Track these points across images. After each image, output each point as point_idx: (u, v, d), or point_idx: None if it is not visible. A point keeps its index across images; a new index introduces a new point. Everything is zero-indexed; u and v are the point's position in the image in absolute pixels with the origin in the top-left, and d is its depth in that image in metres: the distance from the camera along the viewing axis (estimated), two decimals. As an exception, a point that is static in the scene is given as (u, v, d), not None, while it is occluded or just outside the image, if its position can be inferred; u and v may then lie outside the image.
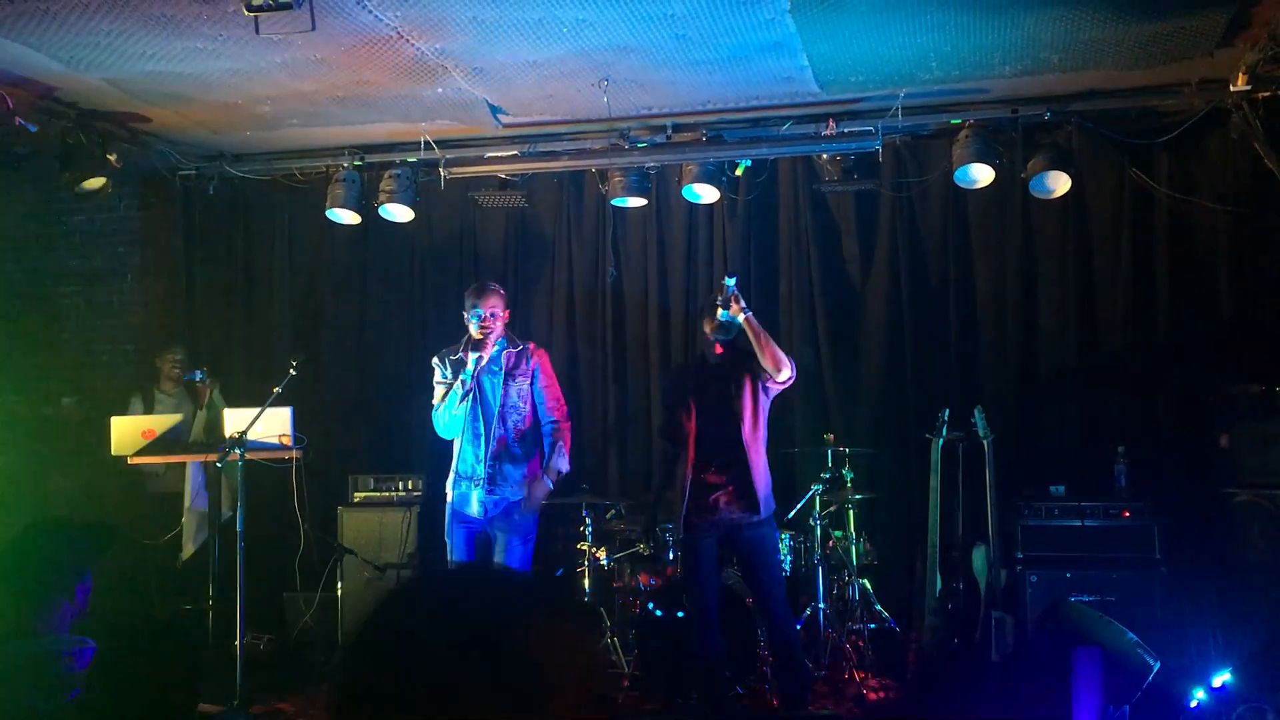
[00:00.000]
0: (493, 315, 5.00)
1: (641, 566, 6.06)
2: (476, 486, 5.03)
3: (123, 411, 6.54)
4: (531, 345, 5.25)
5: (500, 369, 5.08)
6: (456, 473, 5.13)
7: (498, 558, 5.02)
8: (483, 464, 5.02)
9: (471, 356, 4.96)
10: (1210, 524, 5.72)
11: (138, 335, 7.79)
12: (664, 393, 5.24)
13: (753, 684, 5.46)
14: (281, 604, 6.61)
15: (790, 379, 4.89)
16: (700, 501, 4.87)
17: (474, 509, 5.06)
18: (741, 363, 4.93)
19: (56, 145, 6.21)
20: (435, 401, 5.14)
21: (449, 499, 5.16)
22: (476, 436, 5.04)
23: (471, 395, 4.99)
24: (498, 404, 5.05)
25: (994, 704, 4.99)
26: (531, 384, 5.12)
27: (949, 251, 6.54)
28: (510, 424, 5.06)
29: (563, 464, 5.10)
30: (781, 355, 4.82)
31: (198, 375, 6.54)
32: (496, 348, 5.04)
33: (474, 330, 5.01)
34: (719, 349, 4.95)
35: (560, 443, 5.11)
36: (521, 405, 5.10)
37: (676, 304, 6.95)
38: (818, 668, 5.76)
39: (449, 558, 5.10)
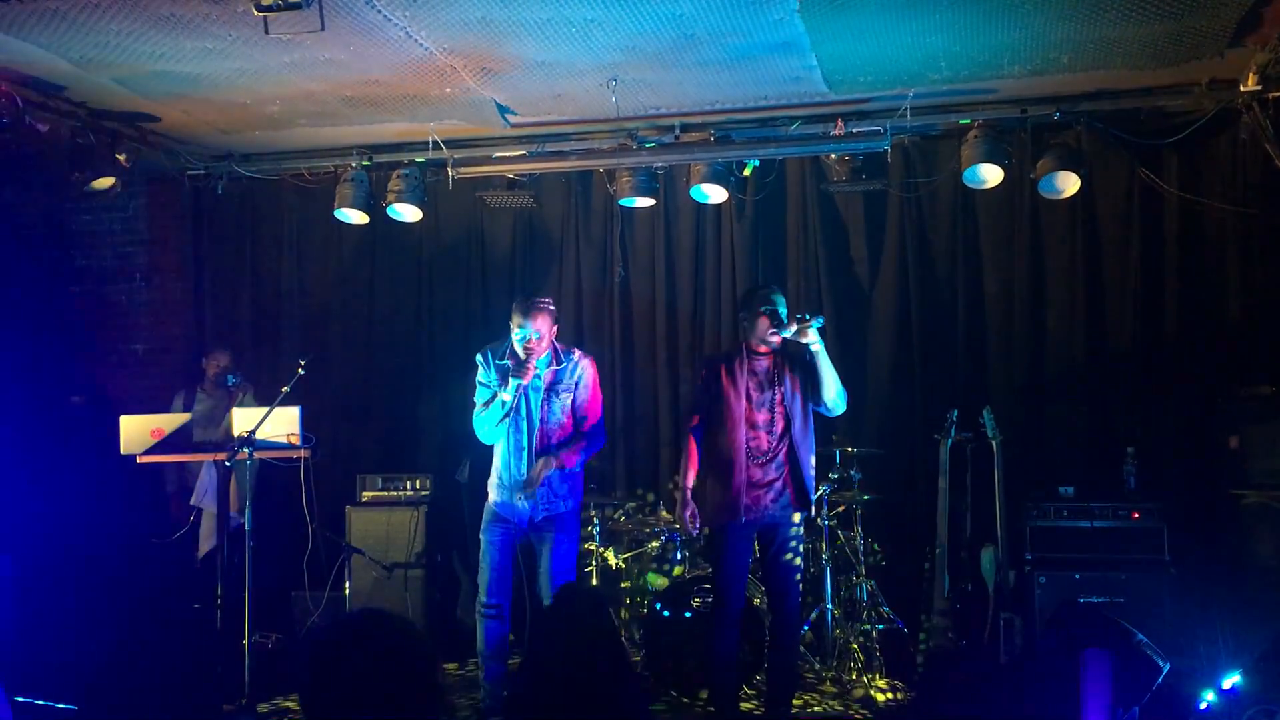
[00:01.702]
0: (538, 335, 4.77)
1: (650, 567, 6.06)
2: (520, 499, 4.88)
3: (129, 410, 6.55)
4: (578, 354, 4.99)
5: (542, 384, 4.87)
6: (500, 479, 4.95)
7: (544, 556, 4.89)
8: (526, 477, 4.87)
9: (512, 382, 4.75)
10: (1220, 525, 5.71)
11: (146, 335, 7.82)
12: (706, 378, 5.00)
13: (758, 685, 5.45)
14: (289, 603, 6.61)
15: (838, 413, 4.94)
16: (747, 496, 4.79)
17: (522, 515, 4.90)
18: (797, 361, 4.89)
19: (66, 145, 6.23)
20: (477, 403, 4.95)
21: (490, 500, 4.99)
22: (519, 449, 4.88)
23: (513, 409, 4.84)
24: (539, 420, 4.87)
25: (1002, 705, 4.98)
26: (575, 395, 4.92)
27: (957, 252, 6.53)
28: (553, 439, 4.89)
29: (571, 458, 4.88)
30: (840, 392, 4.83)
31: (230, 380, 6.58)
32: (538, 368, 4.82)
33: (518, 347, 4.81)
34: (767, 349, 4.86)
35: (581, 444, 4.92)
36: (564, 419, 4.90)
37: (684, 304, 6.95)
38: (825, 668, 5.76)
39: (485, 556, 4.92)
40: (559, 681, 2.50)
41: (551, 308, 4.88)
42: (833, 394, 4.80)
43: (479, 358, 4.99)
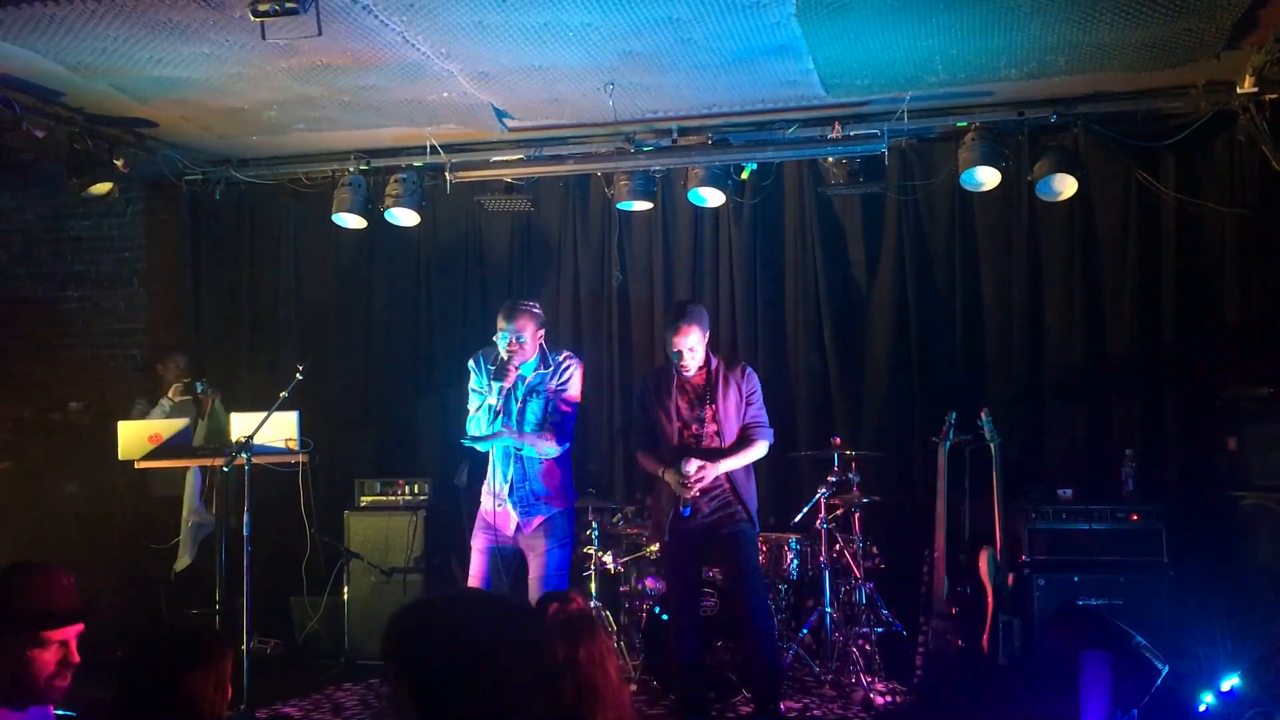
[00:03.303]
0: (519, 339, 4.75)
1: (648, 570, 6.06)
2: (503, 504, 4.87)
3: (127, 416, 6.55)
4: (565, 356, 4.95)
5: (525, 387, 4.86)
6: (489, 485, 4.96)
7: (532, 564, 4.87)
8: (510, 484, 4.86)
9: (494, 386, 4.74)
10: (1218, 527, 5.70)
11: (144, 340, 7.82)
12: (640, 395, 5.12)
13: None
14: (288, 608, 6.61)
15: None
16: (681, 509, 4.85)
17: (508, 524, 4.88)
18: (726, 377, 4.94)
19: (63, 151, 6.23)
20: (470, 409, 4.95)
21: (481, 507, 4.99)
22: (506, 455, 4.89)
23: (499, 415, 4.82)
24: (518, 421, 4.85)
25: (1002, 707, 4.98)
26: (555, 397, 4.87)
27: (955, 255, 6.52)
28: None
29: (536, 441, 4.81)
30: (757, 452, 4.95)
31: (199, 386, 6.57)
32: (521, 371, 4.80)
33: (502, 351, 4.81)
34: (691, 370, 4.92)
35: (548, 433, 4.84)
36: (542, 418, 4.89)
37: (682, 308, 6.94)
38: (825, 671, 5.76)
39: (471, 563, 4.91)
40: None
41: (536, 310, 4.87)
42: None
43: (470, 364, 5.00)
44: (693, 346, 4.87)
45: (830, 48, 5.12)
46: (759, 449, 4.98)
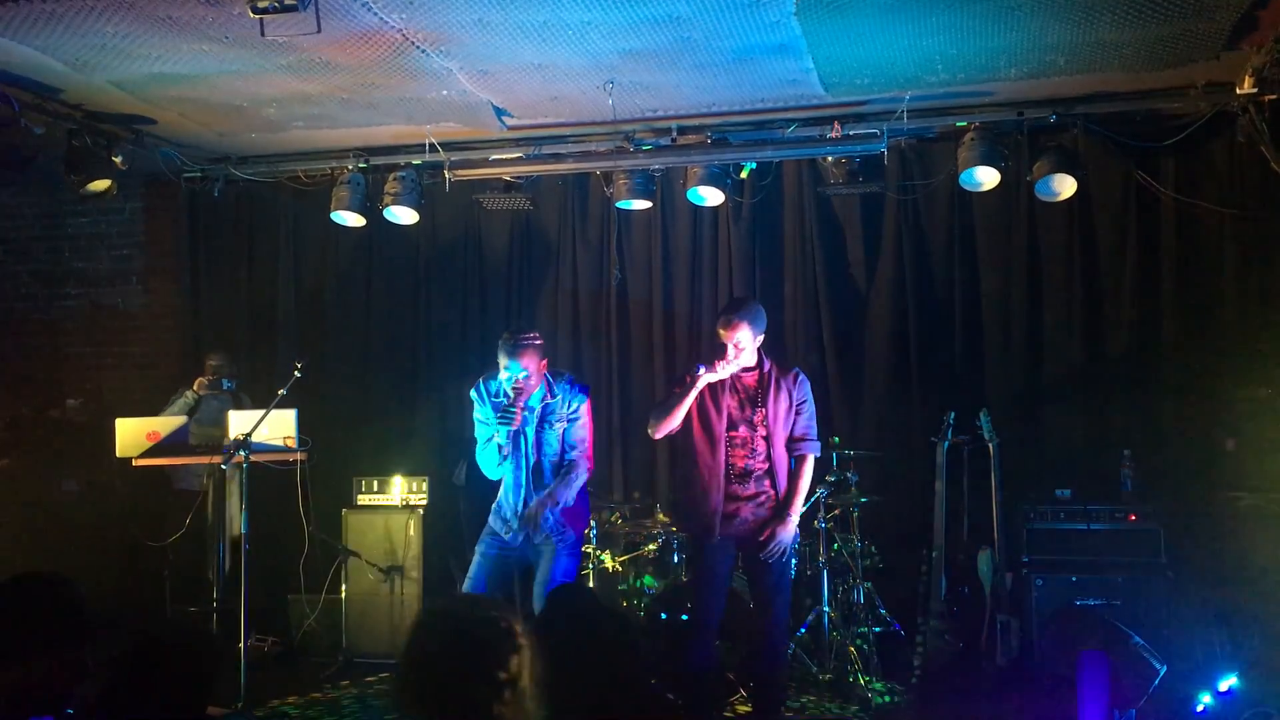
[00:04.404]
0: (526, 374, 4.63)
1: (647, 569, 6.06)
2: (513, 528, 4.80)
3: (152, 411, 6.54)
4: (570, 383, 4.84)
5: (535, 417, 4.77)
6: (499, 508, 4.87)
7: (541, 567, 4.78)
8: (524, 515, 4.78)
9: (501, 430, 4.67)
10: (1216, 528, 5.70)
11: (143, 337, 7.82)
12: (684, 372, 4.90)
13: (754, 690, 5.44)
14: (286, 606, 6.61)
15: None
16: (726, 510, 4.70)
17: (518, 539, 4.82)
18: (778, 381, 4.78)
19: (62, 147, 6.22)
20: (479, 440, 4.85)
21: (489, 523, 4.91)
22: (518, 486, 4.81)
23: (508, 456, 4.77)
24: (534, 452, 4.78)
25: (1000, 708, 4.99)
26: (568, 426, 4.80)
27: (954, 254, 6.53)
28: (548, 473, 4.80)
29: (565, 494, 4.76)
30: (809, 471, 4.79)
31: (225, 384, 6.55)
32: (529, 403, 4.70)
33: (507, 387, 4.68)
34: (752, 366, 4.77)
35: (573, 474, 4.78)
36: (559, 449, 4.81)
37: (681, 307, 6.94)
38: (823, 671, 5.76)
39: (471, 566, 4.84)
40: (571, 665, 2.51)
41: (538, 342, 4.73)
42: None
43: (473, 393, 4.87)
44: (740, 343, 4.63)
45: (830, 47, 5.11)
46: (809, 468, 4.80)
